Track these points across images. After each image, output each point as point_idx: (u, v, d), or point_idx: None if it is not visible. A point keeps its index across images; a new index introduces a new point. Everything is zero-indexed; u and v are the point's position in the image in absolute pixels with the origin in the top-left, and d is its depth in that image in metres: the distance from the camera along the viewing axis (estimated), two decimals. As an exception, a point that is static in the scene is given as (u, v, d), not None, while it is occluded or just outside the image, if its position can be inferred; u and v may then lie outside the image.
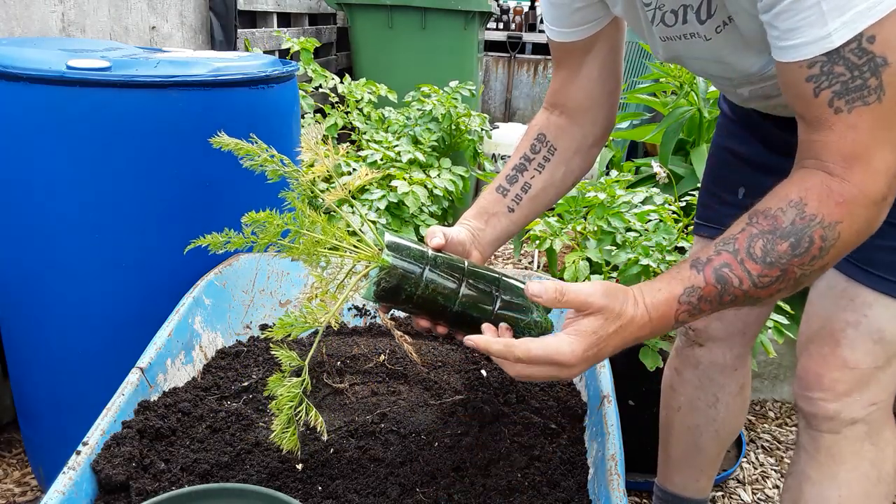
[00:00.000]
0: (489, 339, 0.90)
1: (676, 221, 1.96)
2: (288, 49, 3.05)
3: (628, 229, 1.95)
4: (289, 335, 0.95)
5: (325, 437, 0.99)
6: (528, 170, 1.20)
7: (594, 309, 0.85)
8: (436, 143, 2.96)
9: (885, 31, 0.76)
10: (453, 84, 3.26)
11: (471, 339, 0.90)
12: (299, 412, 0.95)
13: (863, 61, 0.77)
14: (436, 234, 1.06)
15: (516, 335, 0.97)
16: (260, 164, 0.99)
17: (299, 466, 1.02)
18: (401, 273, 0.98)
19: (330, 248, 1.01)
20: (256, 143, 1.00)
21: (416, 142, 2.93)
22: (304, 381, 0.96)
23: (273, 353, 0.97)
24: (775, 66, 0.85)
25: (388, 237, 1.01)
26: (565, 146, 1.21)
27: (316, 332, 1.40)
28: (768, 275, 0.82)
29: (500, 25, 6.09)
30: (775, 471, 2.09)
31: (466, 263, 1.04)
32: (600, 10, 1.12)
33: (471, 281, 1.01)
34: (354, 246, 1.01)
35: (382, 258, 0.98)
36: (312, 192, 1.02)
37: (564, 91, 1.21)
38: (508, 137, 3.77)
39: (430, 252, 1.02)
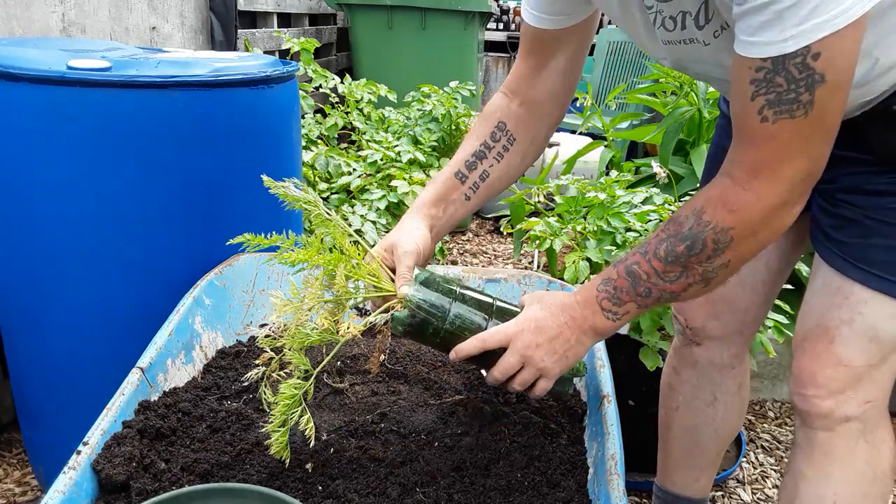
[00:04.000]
0: (462, 344, 1.04)
1: (676, 221, 1.96)
2: (288, 49, 3.04)
3: (628, 229, 1.95)
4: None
5: (311, 443, 1.00)
6: (487, 158, 1.21)
7: (531, 297, 1.08)
8: (436, 143, 2.96)
9: (832, 49, 0.78)
10: (453, 84, 3.26)
11: (453, 352, 1.04)
12: (294, 414, 0.96)
13: (802, 76, 0.80)
14: (409, 271, 1.08)
15: None
16: (302, 204, 1.04)
17: (308, 467, 1.02)
18: (424, 316, 1.02)
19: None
20: (303, 189, 1.05)
21: (416, 142, 2.93)
22: (305, 386, 0.97)
23: (287, 359, 0.98)
24: (733, 61, 0.87)
25: (416, 271, 1.06)
26: (523, 137, 1.22)
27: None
28: (672, 270, 0.95)
29: (500, 25, 6.10)
30: (775, 470, 2.09)
31: (492, 299, 1.09)
32: (580, 3, 1.12)
33: (498, 318, 1.06)
34: (383, 287, 1.05)
35: (409, 299, 1.02)
36: (350, 235, 1.07)
37: (530, 81, 1.21)
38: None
39: (458, 289, 1.06)
